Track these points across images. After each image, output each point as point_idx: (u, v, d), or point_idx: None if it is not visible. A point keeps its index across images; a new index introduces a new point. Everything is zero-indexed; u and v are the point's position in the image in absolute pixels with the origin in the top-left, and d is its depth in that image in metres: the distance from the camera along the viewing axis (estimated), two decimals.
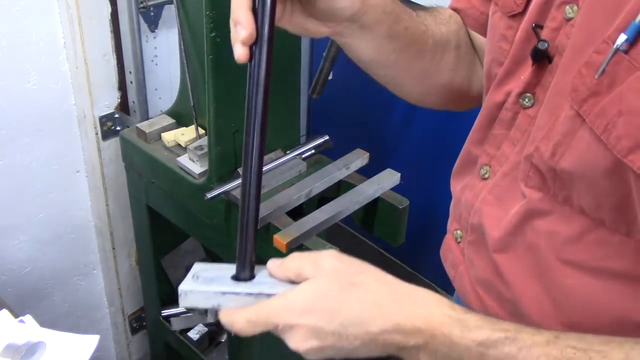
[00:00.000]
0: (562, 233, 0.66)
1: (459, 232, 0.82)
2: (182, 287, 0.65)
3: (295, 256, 0.64)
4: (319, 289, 0.60)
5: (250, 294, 0.63)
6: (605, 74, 0.56)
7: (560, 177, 0.63)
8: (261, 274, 0.66)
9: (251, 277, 0.66)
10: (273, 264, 0.65)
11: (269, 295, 0.62)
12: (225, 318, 0.63)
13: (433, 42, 0.81)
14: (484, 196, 0.76)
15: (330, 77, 1.53)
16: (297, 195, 1.30)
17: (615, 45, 0.55)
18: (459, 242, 0.82)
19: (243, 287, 0.64)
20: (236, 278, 0.66)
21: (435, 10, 0.87)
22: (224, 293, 0.64)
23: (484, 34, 0.81)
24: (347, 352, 0.61)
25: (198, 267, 0.68)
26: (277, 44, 0.61)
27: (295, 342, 0.60)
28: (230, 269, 0.67)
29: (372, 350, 0.61)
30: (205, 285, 0.65)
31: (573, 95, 0.59)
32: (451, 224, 0.85)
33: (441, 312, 0.60)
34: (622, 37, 0.55)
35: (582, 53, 0.59)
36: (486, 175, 0.76)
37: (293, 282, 0.63)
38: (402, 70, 0.82)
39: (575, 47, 0.61)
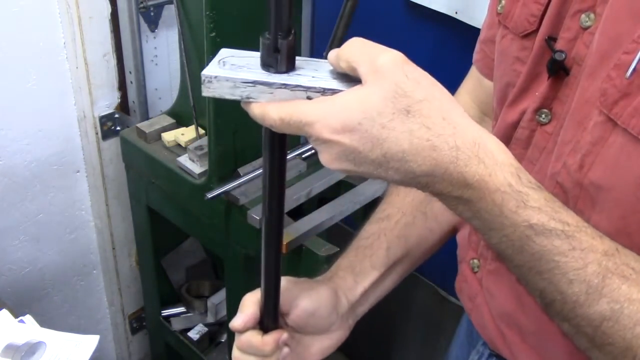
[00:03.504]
0: None
1: (475, 261, 0.77)
2: (206, 72, 0.54)
3: (356, 44, 0.52)
4: (367, 105, 0.49)
5: (285, 86, 0.53)
6: (636, 73, 0.54)
7: (586, 192, 0.59)
8: (304, 67, 0.55)
9: (289, 70, 0.54)
10: (333, 52, 0.54)
11: (307, 89, 0.53)
12: (256, 110, 0.54)
13: (439, 226, 0.82)
14: None
15: None
16: (297, 195, 1.30)
17: None
18: (475, 272, 0.78)
19: (278, 77, 0.54)
20: (269, 67, 0.54)
21: None
22: (254, 82, 0.54)
23: None
24: (378, 177, 0.53)
25: (225, 53, 0.57)
26: None
27: (326, 158, 0.52)
28: None
29: (407, 184, 0.53)
30: (234, 72, 0.54)
31: (602, 99, 0.56)
32: (465, 253, 0.80)
33: (503, 177, 0.51)
34: None
35: (609, 58, 0.56)
36: None
37: (343, 80, 0.53)
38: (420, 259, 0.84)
39: (601, 53, 0.58)
